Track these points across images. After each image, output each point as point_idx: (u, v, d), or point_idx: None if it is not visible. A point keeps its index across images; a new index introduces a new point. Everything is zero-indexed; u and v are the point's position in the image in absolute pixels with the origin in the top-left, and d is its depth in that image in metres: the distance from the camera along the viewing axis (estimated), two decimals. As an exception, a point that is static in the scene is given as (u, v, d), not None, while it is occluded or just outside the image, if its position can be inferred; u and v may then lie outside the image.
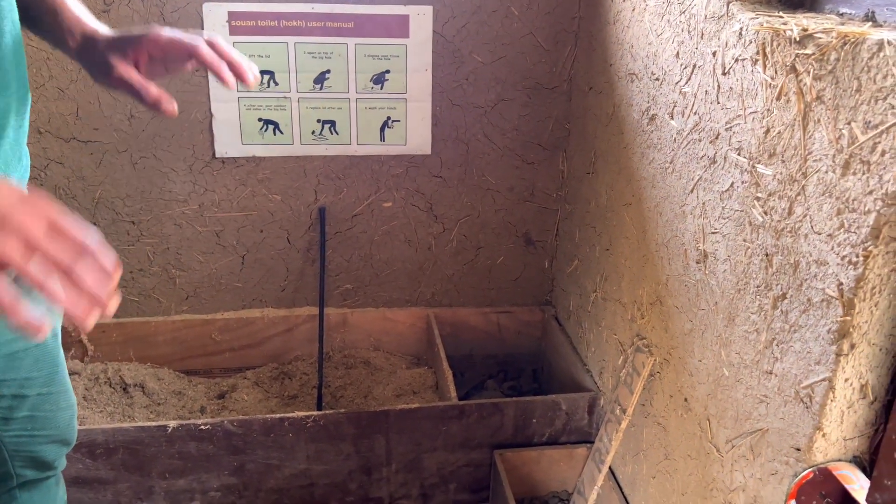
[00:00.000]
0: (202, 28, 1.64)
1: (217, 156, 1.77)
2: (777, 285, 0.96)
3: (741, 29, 1.02)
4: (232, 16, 1.64)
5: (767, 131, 0.97)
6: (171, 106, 0.80)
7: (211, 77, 1.69)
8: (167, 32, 0.83)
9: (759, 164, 0.99)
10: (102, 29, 0.87)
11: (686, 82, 1.21)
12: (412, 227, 1.96)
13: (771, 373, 0.98)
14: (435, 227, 1.97)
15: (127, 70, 0.82)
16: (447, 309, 2.06)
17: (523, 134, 1.88)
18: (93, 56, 0.84)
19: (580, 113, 1.78)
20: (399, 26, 1.72)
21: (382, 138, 1.84)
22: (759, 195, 0.99)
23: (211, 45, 0.83)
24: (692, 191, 1.20)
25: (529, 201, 1.96)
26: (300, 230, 1.91)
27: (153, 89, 0.81)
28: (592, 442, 1.63)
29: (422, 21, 1.72)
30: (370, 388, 1.91)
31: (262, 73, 1.71)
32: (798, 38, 0.88)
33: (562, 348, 1.91)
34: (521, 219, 1.98)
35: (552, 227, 2.00)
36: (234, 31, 1.66)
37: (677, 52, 1.24)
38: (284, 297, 1.98)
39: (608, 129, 1.59)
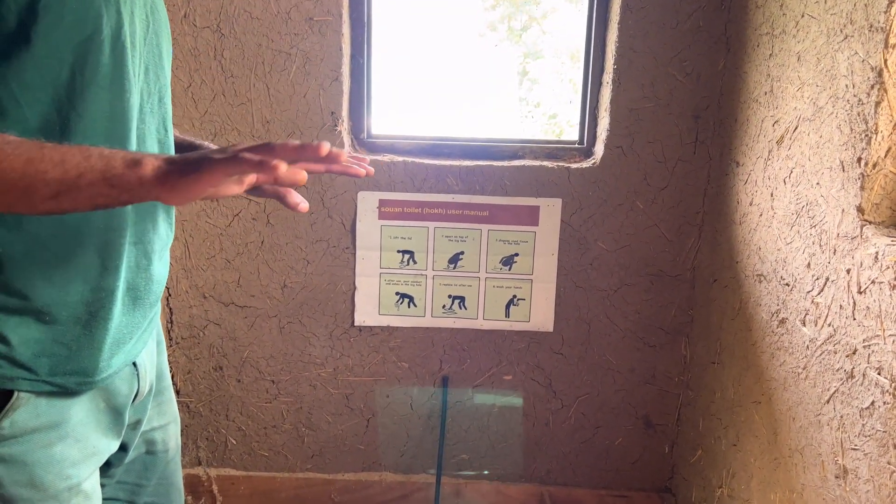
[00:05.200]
0: (356, 212, 1.85)
1: (356, 324, 1.92)
2: (930, 518, 0.93)
3: (877, 253, 1.06)
4: (382, 203, 1.84)
5: (910, 357, 0.98)
6: (305, 205, 0.89)
7: (358, 255, 1.87)
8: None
9: (902, 387, 0.99)
10: None
11: (819, 293, 1.24)
12: (531, 401, 2.00)
13: None
14: (553, 403, 2.00)
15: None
16: (562, 488, 2.03)
17: (645, 317, 1.93)
18: None
19: (704, 302, 1.82)
20: (530, 216, 1.86)
21: (507, 314, 1.94)
22: (904, 419, 0.99)
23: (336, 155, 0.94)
24: (828, 401, 1.20)
25: (650, 384, 1.97)
26: (423, 397, 1.99)
27: (293, 195, 0.90)
28: None
29: (551, 211, 1.85)
30: (481, 565, 1.88)
31: (403, 252, 1.88)
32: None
33: (683, 543, 1.83)
34: (641, 400, 1.98)
35: (673, 412, 1.98)
36: (382, 215, 1.85)
37: (808, 263, 1.28)
38: (402, 463, 2.03)
39: (734, 324, 1.61)
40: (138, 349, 0.96)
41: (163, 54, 0.92)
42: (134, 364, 0.97)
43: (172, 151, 0.97)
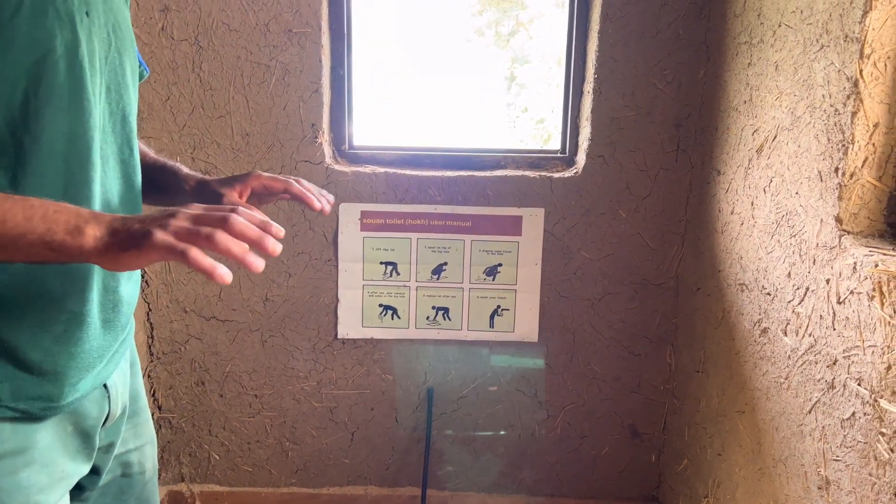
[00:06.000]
0: (337, 224, 1.83)
1: (339, 337, 1.90)
2: (911, 531, 0.92)
3: (855, 263, 1.06)
4: (364, 214, 1.83)
5: (889, 368, 0.97)
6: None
7: (341, 268, 1.85)
8: (266, 174, 1.05)
9: (881, 398, 0.99)
10: (210, 177, 1.10)
11: (799, 303, 1.24)
12: (516, 412, 1.98)
13: None
14: (539, 414, 1.98)
15: (234, 198, 1.03)
16: (549, 499, 2.02)
17: (630, 326, 1.92)
18: (205, 191, 1.06)
19: (688, 311, 1.82)
20: (513, 226, 1.85)
21: (492, 325, 1.93)
22: (884, 431, 0.98)
23: (298, 182, 1.05)
24: (810, 412, 1.19)
25: (636, 392, 1.96)
26: (408, 410, 1.97)
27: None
28: None
29: (534, 221, 1.85)
30: (468, 579, 1.87)
31: (386, 264, 1.87)
32: (915, 285, 0.91)
33: (670, 553, 1.82)
34: (627, 409, 1.97)
35: (659, 421, 1.97)
36: (364, 227, 1.84)
37: (789, 273, 1.28)
38: (388, 476, 2.01)
39: (718, 332, 1.61)
40: (109, 371, 0.94)
41: (126, 73, 0.90)
42: (105, 386, 0.95)
43: (138, 171, 0.95)
